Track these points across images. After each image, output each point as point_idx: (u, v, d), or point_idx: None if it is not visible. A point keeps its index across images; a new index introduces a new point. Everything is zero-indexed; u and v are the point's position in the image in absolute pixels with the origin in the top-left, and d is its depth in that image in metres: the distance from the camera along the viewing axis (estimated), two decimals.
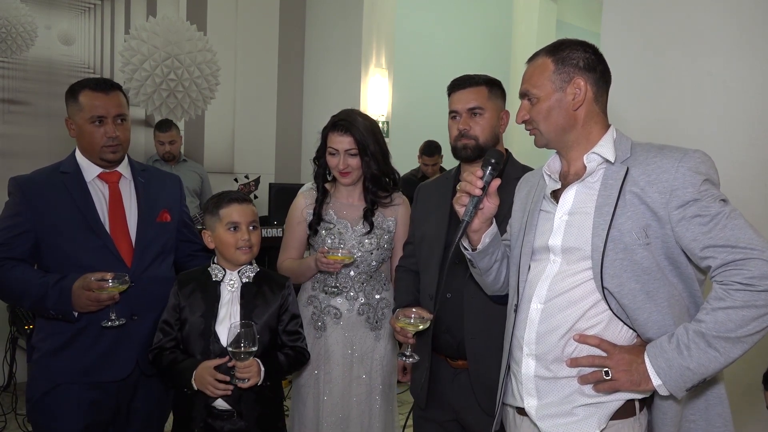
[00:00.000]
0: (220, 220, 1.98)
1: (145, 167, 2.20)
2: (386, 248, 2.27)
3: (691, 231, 1.35)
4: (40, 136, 4.22)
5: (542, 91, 1.49)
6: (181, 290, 1.98)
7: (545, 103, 1.49)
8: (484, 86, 1.97)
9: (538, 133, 1.53)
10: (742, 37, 2.41)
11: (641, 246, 1.39)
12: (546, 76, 1.49)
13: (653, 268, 1.39)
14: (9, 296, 2.06)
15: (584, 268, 1.45)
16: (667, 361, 1.34)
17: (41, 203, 1.95)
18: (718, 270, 1.33)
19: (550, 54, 1.51)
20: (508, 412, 1.64)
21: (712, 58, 2.48)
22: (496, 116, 1.98)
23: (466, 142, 1.96)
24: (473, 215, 1.52)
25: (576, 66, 1.48)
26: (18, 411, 3.63)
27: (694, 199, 1.35)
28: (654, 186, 1.39)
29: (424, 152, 5.25)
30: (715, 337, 1.31)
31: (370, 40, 5.17)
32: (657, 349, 1.36)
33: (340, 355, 2.22)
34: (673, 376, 1.34)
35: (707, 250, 1.34)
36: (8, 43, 4.09)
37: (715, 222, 1.33)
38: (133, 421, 2.07)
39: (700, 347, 1.32)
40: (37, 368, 2.00)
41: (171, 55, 4.82)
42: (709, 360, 1.31)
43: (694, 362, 1.32)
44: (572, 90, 1.47)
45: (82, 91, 1.98)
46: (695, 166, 1.38)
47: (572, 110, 1.48)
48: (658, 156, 1.42)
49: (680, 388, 1.35)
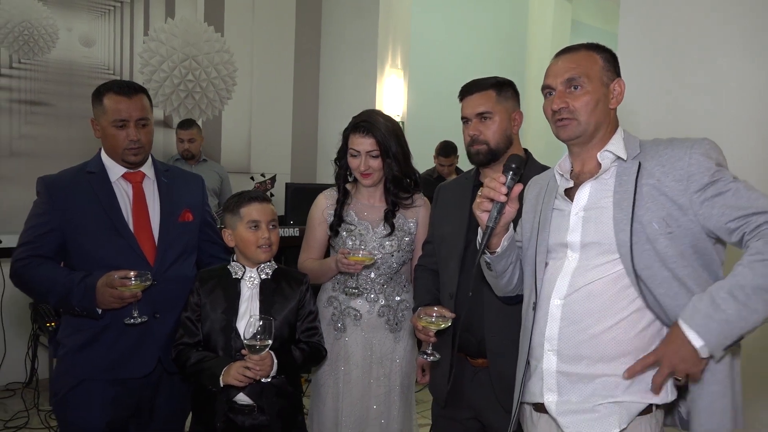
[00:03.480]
0: (241, 218, 2.01)
1: (168, 167, 2.23)
2: (407, 250, 2.27)
3: (717, 208, 1.39)
4: (61, 136, 4.29)
5: (593, 83, 1.51)
6: (202, 287, 2.02)
7: (594, 95, 1.51)
8: (491, 90, 1.96)
9: (576, 123, 1.52)
10: (757, 37, 2.42)
11: (663, 235, 1.41)
12: (597, 69, 1.52)
13: (677, 256, 1.41)
14: (36, 293, 2.10)
15: (604, 262, 1.47)
16: (705, 318, 1.33)
17: (67, 203, 1.99)
18: (754, 233, 1.35)
19: (594, 50, 1.55)
20: (525, 409, 1.65)
21: (728, 58, 2.48)
22: (506, 118, 1.96)
23: (478, 148, 1.96)
24: (497, 221, 1.53)
25: (617, 67, 1.55)
26: (40, 407, 3.69)
27: (711, 182, 1.40)
28: (669, 175, 1.43)
29: (440, 153, 5.26)
30: (755, 288, 1.30)
31: (385, 40, 5.19)
32: (689, 311, 1.36)
33: (360, 356, 2.23)
34: (713, 331, 1.32)
35: (737, 220, 1.37)
36: (30, 45, 4.16)
37: (738, 195, 1.38)
38: (154, 417, 2.10)
39: (739, 300, 1.31)
40: (63, 364, 2.04)
41: (189, 57, 4.87)
42: (749, 312, 1.31)
43: (733, 314, 1.31)
44: (615, 88, 1.53)
45: (107, 94, 2.00)
46: (706, 152, 1.43)
47: (610, 108, 1.53)
48: (668, 147, 1.47)
49: (720, 345, 1.34)
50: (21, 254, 1.96)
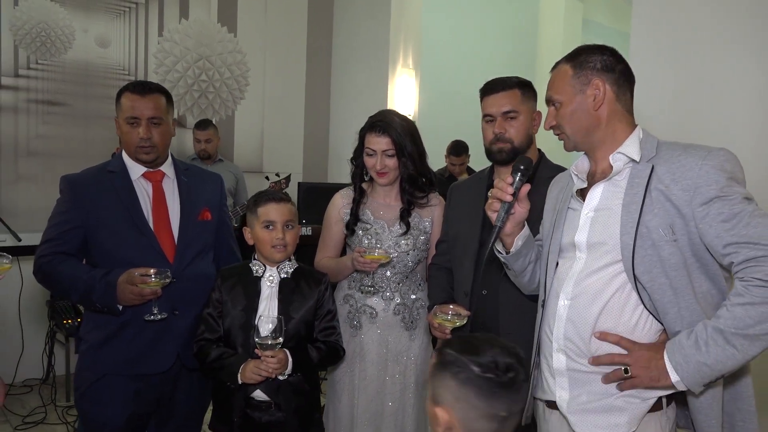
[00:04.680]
0: (258, 218, 2.03)
1: (188, 166, 2.26)
2: (422, 249, 2.29)
3: (714, 228, 1.37)
4: (78, 136, 4.34)
5: (564, 95, 1.55)
6: (223, 284, 2.05)
7: (568, 107, 1.55)
8: (517, 89, 2.00)
9: (565, 137, 1.59)
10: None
11: (668, 242, 1.42)
12: (566, 81, 1.55)
13: (680, 264, 1.42)
14: (58, 289, 2.14)
15: (609, 263, 1.48)
16: (685, 357, 1.36)
17: (89, 201, 2.03)
18: (740, 266, 1.35)
19: (568, 60, 1.57)
20: (538, 405, 1.68)
21: (740, 58, 2.48)
22: (529, 118, 2.00)
23: (502, 146, 1.99)
24: (505, 220, 1.57)
25: (593, 68, 1.53)
26: (57, 403, 3.74)
27: (717, 197, 1.37)
28: (678, 183, 1.42)
29: (452, 152, 5.27)
30: (733, 333, 1.32)
31: (397, 40, 5.21)
32: (675, 345, 1.39)
33: (375, 354, 2.26)
34: (690, 371, 1.36)
35: (729, 247, 1.35)
36: (47, 47, 4.21)
37: (738, 219, 1.35)
38: (174, 412, 2.13)
39: (718, 343, 1.33)
40: (85, 359, 2.08)
41: (202, 57, 4.91)
42: (726, 357, 1.33)
43: (711, 358, 1.33)
44: (591, 91, 1.52)
45: (124, 93, 2.05)
46: (719, 164, 1.40)
47: (594, 110, 1.53)
48: (683, 154, 1.45)
49: (697, 384, 1.37)
50: (44, 251, 2.01)
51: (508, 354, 1.14)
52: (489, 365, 1.11)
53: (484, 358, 1.12)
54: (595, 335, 1.47)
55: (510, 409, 1.12)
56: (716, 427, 1.43)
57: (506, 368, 1.12)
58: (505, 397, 1.11)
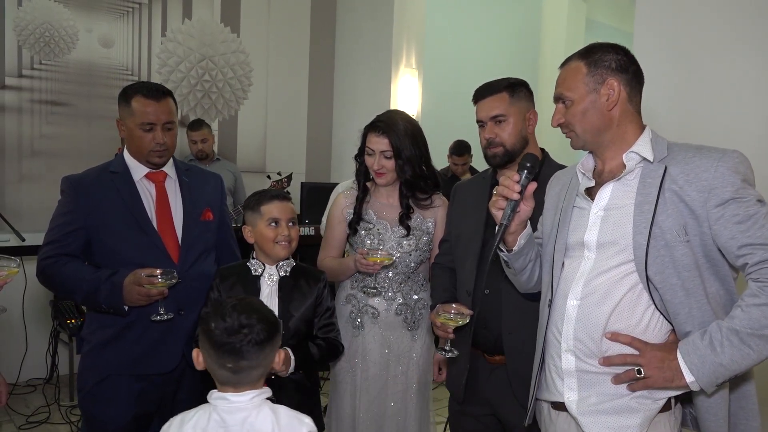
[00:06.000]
0: (262, 216, 2.04)
1: (188, 167, 2.26)
2: (425, 249, 2.29)
3: (729, 229, 1.37)
4: (81, 136, 4.36)
5: (576, 93, 1.53)
6: (222, 284, 2.05)
7: (580, 105, 1.52)
8: (504, 92, 1.97)
9: (574, 135, 1.57)
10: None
11: (681, 243, 1.41)
12: (579, 78, 1.53)
13: (692, 265, 1.41)
14: (63, 290, 2.14)
15: (620, 263, 1.47)
16: (701, 358, 1.36)
17: (92, 202, 2.03)
18: (755, 267, 1.35)
19: (582, 58, 1.55)
20: (542, 407, 1.66)
21: (747, 58, 2.47)
22: (521, 119, 1.98)
23: (495, 151, 1.98)
24: (511, 218, 1.56)
25: (608, 67, 1.51)
26: (60, 402, 3.75)
27: (732, 198, 1.38)
28: (693, 185, 1.41)
29: (454, 152, 5.27)
30: (749, 334, 1.33)
31: (400, 40, 5.21)
32: (689, 346, 1.38)
33: (378, 354, 2.26)
34: (706, 372, 1.36)
35: (744, 248, 1.36)
36: (51, 47, 4.22)
37: (753, 221, 1.36)
38: (177, 412, 2.12)
39: (734, 344, 1.34)
40: (88, 359, 2.08)
41: (205, 57, 4.92)
42: (742, 357, 1.34)
43: (727, 359, 1.34)
44: (606, 91, 1.51)
45: (135, 97, 2.03)
46: (734, 166, 1.40)
47: (607, 111, 1.51)
48: (696, 156, 1.44)
49: (712, 384, 1.38)
50: (47, 253, 2.01)
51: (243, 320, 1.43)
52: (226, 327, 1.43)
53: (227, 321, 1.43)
54: (607, 336, 1.46)
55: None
56: (723, 426, 1.43)
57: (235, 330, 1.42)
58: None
